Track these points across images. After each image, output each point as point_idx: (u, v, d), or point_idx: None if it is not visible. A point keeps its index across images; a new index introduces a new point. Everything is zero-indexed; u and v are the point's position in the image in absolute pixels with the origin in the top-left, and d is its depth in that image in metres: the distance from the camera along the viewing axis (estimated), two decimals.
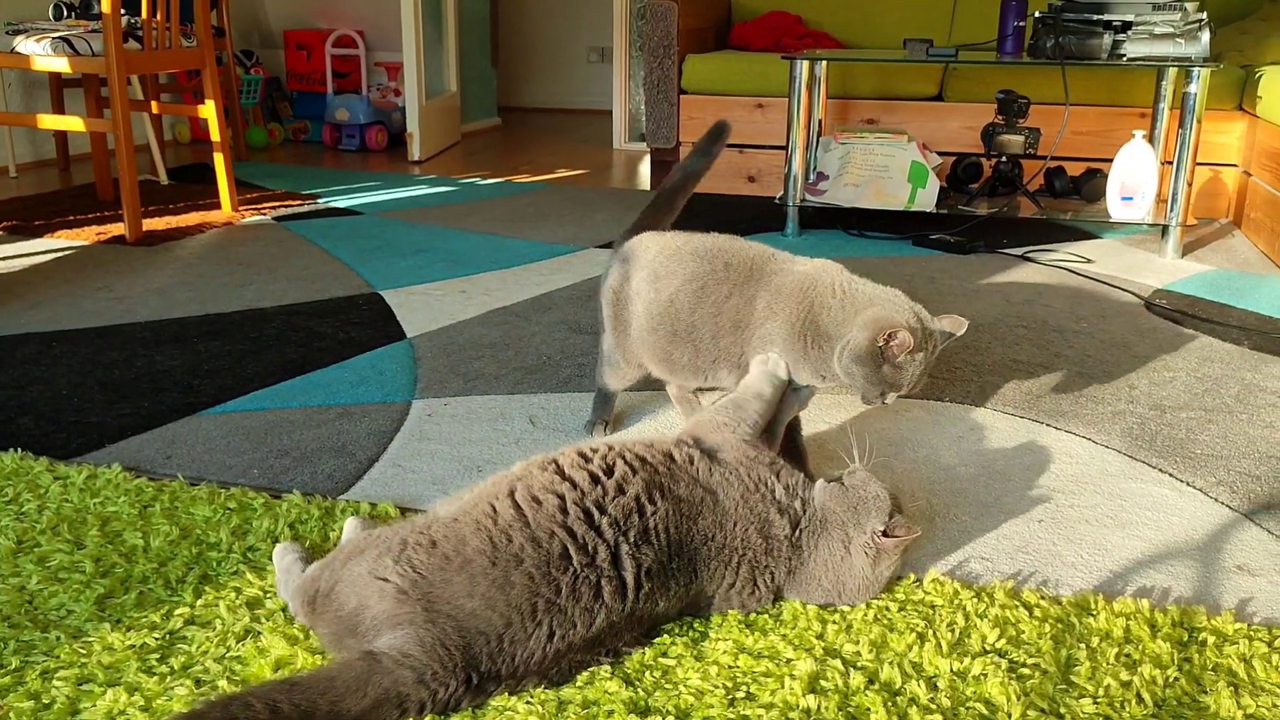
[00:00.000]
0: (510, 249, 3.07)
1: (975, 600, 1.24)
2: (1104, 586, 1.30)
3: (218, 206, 3.52)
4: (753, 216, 3.53)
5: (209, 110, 3.41)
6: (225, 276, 2.72)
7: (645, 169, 4.81)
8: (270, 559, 1.31)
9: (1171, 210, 3.01)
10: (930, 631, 1.18)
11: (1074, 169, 3.40)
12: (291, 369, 2.04)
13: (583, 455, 1.22)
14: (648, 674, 1.10)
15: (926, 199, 3.22)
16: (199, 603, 1.23)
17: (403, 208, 3.69)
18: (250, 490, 1.50)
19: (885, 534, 1.20)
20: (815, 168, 3.46)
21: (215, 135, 3.43)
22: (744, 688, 1.08)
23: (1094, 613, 1.21)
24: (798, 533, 1.21)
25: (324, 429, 1.76)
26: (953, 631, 1.18)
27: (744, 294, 1.48)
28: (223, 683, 1.08)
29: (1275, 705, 1.06)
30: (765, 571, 1.19)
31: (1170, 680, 1.10)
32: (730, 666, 1.12)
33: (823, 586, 1.21)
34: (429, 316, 2.38)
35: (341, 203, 3.74)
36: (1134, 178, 3.07)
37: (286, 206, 3.64)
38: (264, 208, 3.60)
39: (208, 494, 1.48)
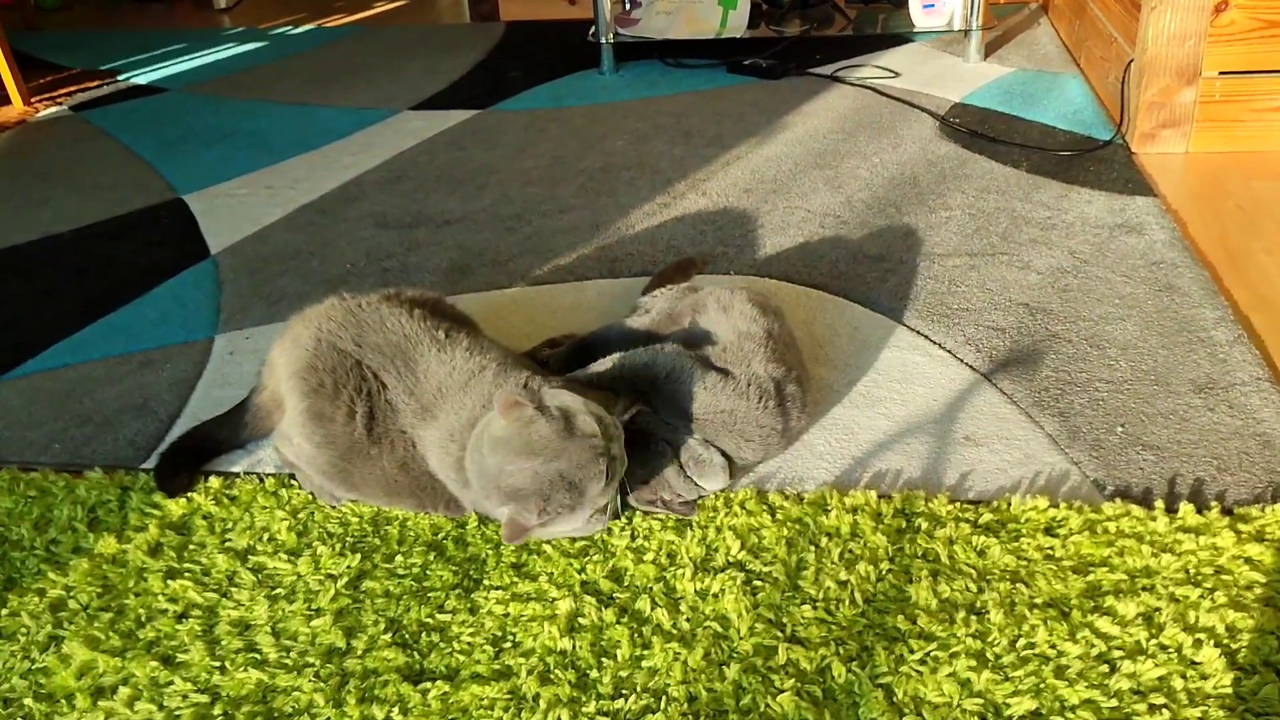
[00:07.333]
0: (319, 121, 2.98)
1: (725, 508, 1.35)
2: (845, 475, 1.43)
3: (7, 102, 3.31)
4: (571, 53, 3.45)
5: None
6: (19, 195, 2.61)
7: None
8: (72, 552, 1.36)
9: (972, 15, 3.04)
10: (682, 548, 1.30)
11: None
12: (93, 310, 2.00)
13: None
14: (424, 635, 1.21)
15: (738, 22, 3.19)
16: (3, 612, 1.27)
17: (209, 77, 3.52)
18: (51, 472, 1.50)
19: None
20: None
21: None
22: (511, 637, 1.20)
23: (828, 509, 1.34)
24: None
25: (125, 383, 1.75)
26: (703, 546, 1.30)
27: None
28: (29, 700, 1.15)
29: (967, 588, 1.22)
30: None
31: (883, 574, 1.24)
32: (502, 615, 1.23)
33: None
34: (233, 224, 2.34)
35: (144, 78, 3.55)
36: None
37: (85, 90, 3.44)
38: (59, 95, 3.40)
39: (8, 481, 1.48)
